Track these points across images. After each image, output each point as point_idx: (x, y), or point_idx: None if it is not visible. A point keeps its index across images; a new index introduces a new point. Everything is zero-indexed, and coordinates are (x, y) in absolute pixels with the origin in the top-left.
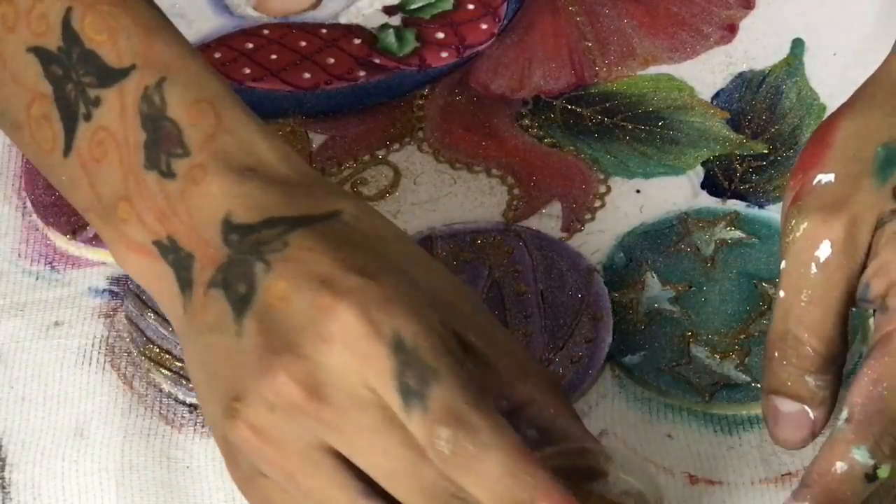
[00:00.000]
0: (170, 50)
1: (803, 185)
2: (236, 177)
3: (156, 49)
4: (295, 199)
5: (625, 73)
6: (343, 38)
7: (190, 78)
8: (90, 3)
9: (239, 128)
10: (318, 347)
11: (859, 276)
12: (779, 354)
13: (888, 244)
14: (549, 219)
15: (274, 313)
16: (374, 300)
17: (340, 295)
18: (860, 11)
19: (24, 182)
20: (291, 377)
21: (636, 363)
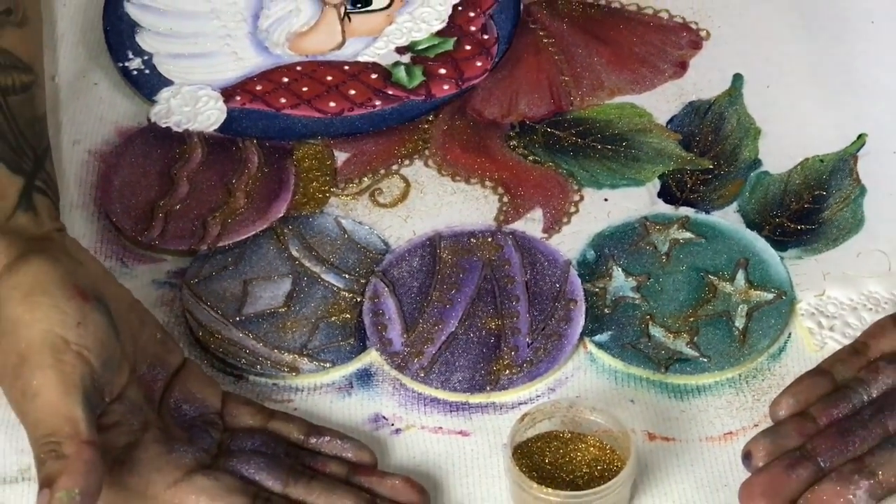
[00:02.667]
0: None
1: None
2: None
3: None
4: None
5: (595, 102)
6: (362, 73)
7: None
8: None
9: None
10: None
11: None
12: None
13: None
14: (533, 222)
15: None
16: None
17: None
18: (789, 51)
19: (98, 192)
20: None
21: (604, 341)
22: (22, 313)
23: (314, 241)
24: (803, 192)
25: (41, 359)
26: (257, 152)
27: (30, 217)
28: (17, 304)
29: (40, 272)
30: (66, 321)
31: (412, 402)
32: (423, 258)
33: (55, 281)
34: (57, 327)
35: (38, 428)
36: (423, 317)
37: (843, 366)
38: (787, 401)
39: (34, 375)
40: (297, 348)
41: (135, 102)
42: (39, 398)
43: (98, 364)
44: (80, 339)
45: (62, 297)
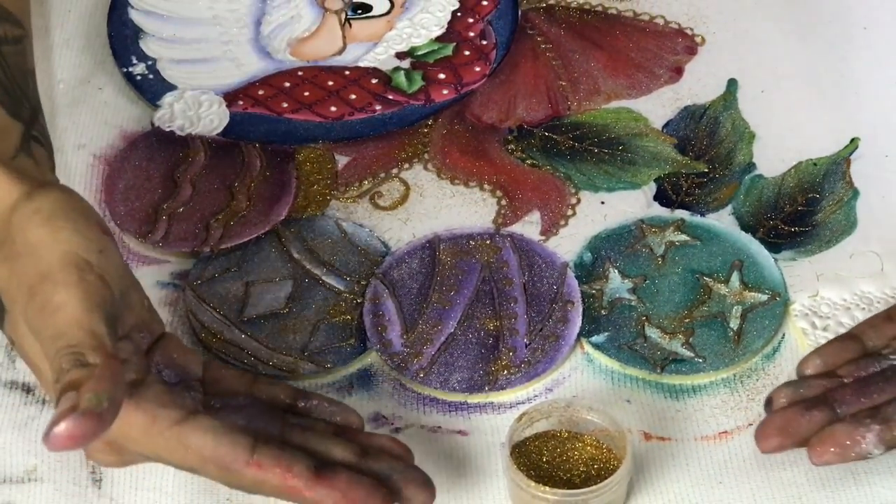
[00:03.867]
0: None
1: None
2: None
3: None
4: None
5: (592, 106)
6: (363, 78)
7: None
8: None
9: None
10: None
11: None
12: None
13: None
14: (531, 225)
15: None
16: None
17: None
18: (783, 57)
19: (103, 195)
20: None
21: (601, 342)
22: (44, 235)
23: (315, 243)
24: (797, 195)
25: (65, 276)
26: (259, 156)
27: (31, 163)
28: (38, 227)
29: (61, 199)
30: (89, 246)
31: (411, 402)
32: (422, 260)
33: (77, 209)
34: (80, 250)
35: (60, 339)
36: (422, 318)
37: (874, 332)
38: (815, 361)
39: (56, 291)
40: (298, 349)
41: (139, 107)
42: (61, 312)
43: (116, 293)
44: (101, 265)
45: (84, 224)
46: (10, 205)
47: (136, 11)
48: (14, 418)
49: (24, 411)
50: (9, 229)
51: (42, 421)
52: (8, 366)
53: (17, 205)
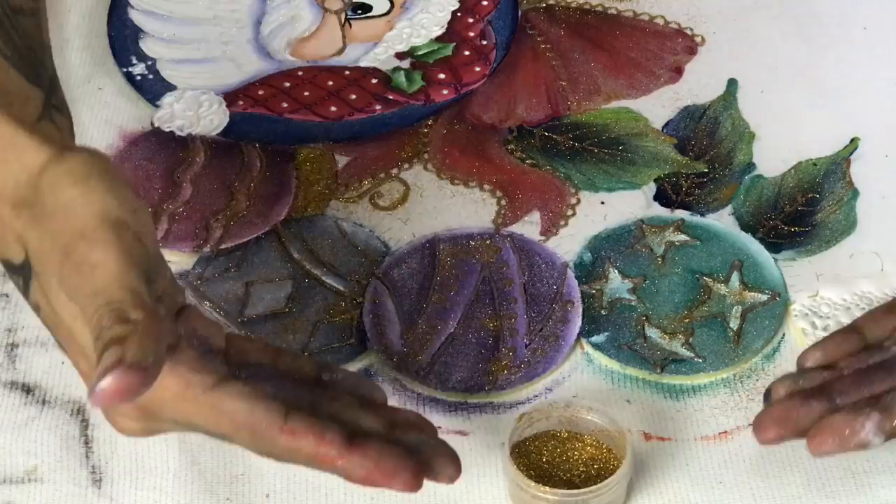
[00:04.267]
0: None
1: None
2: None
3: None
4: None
5: (592, 106)
6: (363, 78)
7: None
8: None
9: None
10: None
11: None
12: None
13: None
14: (530, 225)
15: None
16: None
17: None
18: (783, 57)
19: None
20: None
21: (601, 342)
22: (77, 195)
23: (315, 243)
24: (797, 195)
25: (102, 234)
26: (259, 156)
27: (54, 129)
28: (70, 186)
29: (93, 160)
30: (124, 205)
31: (411, 402)
32: (422, 260)
33: (109, 170)
34: (116, 209)
35: (99, 296)
36: (422, 318)
37: (875, 325)
38: (815, 354)
39: (93, 249)
40: (298, 349)
41: (139, 107)
42: (100, 269)
43: (151, 253)
44: (137, 225)
45: (119, 184)
46: (38, 167)
47: (136, 11)
48: (14, 418)
49: (24, 411)
50: (38, 191)
51: (42, 421)
52: (8, 366)
53: (46, 166)
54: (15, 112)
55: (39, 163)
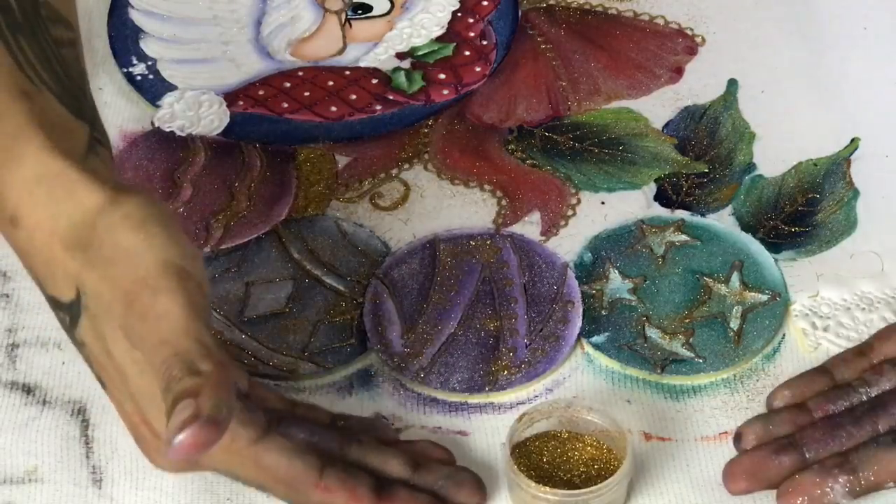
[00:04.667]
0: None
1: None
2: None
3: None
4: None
5: (592, 106)
6: (363, 78)
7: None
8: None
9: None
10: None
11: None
12: None
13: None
14: (531, 225)
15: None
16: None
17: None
18: (784, 57)
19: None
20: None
21: (601, 342)
22: (138, 242)
23: (315, 243)
24: (797, 195)
25: (166, 283)
26: (259, 156)
27: (100, 163)
28: (130, 233)
29: (149, 205)
30: (184, 253)
31: (412, 403)
32: (422, 260)
33: (166, 215)
34: (177, 257)
35: (167, 347)
36: (422, 318)
37: (845, 366)
38: (784, 393)
39: (158, 299)
40: (298, 350)
41: (139, 107)
42: (166, 319)
43: (208, 300)
44: (197, 273)
45: (176, 230)
46: (94, 208)
47: (136, 11)
48: (14, 419)
49: (24, 412)
50: (95, 234)
51: (42, 422)
52: (8, 366)
53: (102, 209)
54: (64, 147)
55: (95, 204)
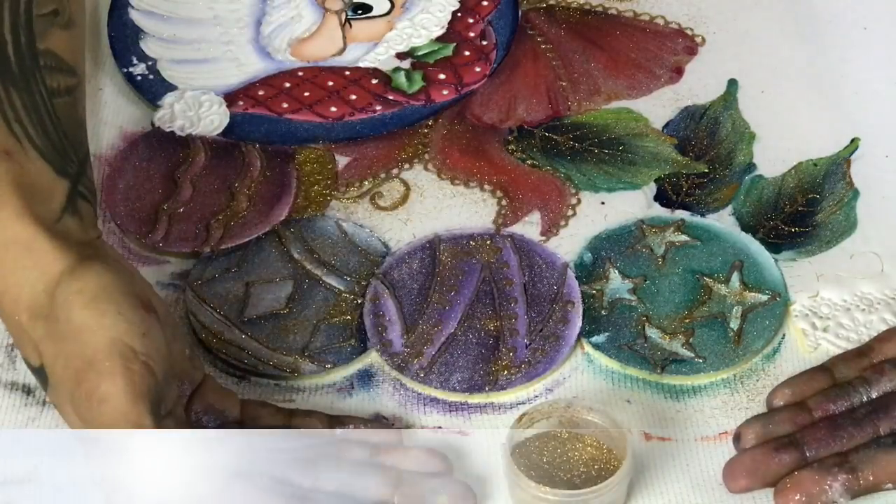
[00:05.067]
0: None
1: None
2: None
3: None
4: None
5: (592, 107)
6: (363, 78)
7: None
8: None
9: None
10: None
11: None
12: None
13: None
14: (531, 225)
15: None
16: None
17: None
18: (784, 57)
19: (103, 195)
20: None
21: (601, 342)
22: (88, 319)
23: (315, 243)
24: (797, 196)
25: (110, 366)
26: (260, 156)
27: (76, 221)
28: (82, 309)
29: (104, 279)
30: (132, 330)
31: (412, 403)
32: (422, 260)
33: (120, 289)
34: (125, 336)
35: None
36: (422, 318)
37: (845, 366)
38: (784, 391)
39: (102, 381)
40: (299, 350)
41: (139, 107)
42: (107, 404)
43: (160, 376)
44: (145, 350)
45: (128, 306)
46: (54, 278)
47: (137, 11)
48: (14, 419)
49: (24, 412)
50: (52, 305)
51: (42, 422)
52: (8, 367)
53: (60, 280)
54: (38, 210)
55: (55, 273)
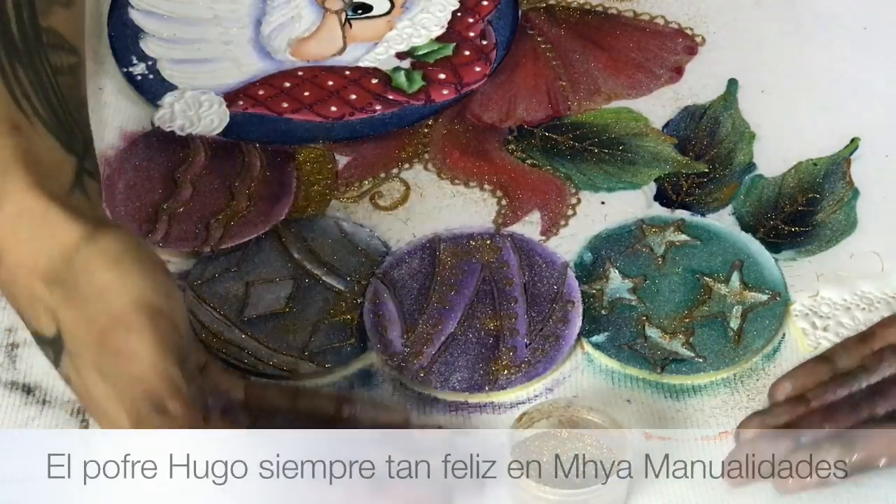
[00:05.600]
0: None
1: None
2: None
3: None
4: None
5: (592, 106)
6: (363, 78)
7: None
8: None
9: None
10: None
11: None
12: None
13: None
14: (531, 225)
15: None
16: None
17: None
18: (783, 57)
19: (103, 195)
20: None
21: (601, 341)
22: (112, 279)
23: (315, 243)
24: (797, 195)
25: (138, 322)
26: (259, 156)
27: (84, 198)
28: (105, 270)
29: (126, 241)
30: (158, 290)
31: (412, 402)
32: (422, 260)
33: (142, 251)
34: (150, 295)
35: (137, 385)
36: (422, 318)
37: (846, 353)
38: (785, 385)
39: (130, 337)
40: (299, 349)
41: (139, 107)
42: (137, 358)
43: (185, 337)
44: (171, 309)
45: (152, 267)
46: (72, 244)
47: (137, 11)
48: (14, 418)
49: (24, 412)
50: (71, 271)
51: (42, 422)
52: (8, 366)
53: (78, 245)
54: (48, 184)
55: (72, 240)
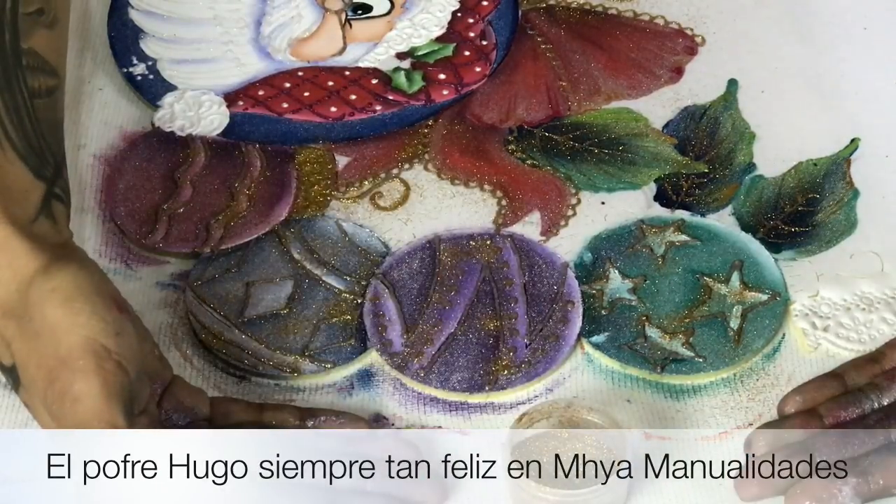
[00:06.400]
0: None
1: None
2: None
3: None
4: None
5: (592, 106)
6: (363, 78)
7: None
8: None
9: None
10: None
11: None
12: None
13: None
14: (531, 225)
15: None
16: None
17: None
18: (783, 57)
19: (103, 195)
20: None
21: (601, 342)
22: (61, 318)
23: (316, 243)
24: (797, 195)
25: (84, 364)
26: (260, 156)
27: (50, 224)
28: (56, 308)
29: (78, 278)
30: (106, 329)
31: (412, 402)
32: (422, 260)
33: (94, 289)
34: (99, 335)
35: (81, 428)
36: (422, 318)
37: (857, 372)
38: (795, 398)
39: (75, 380)
40: (299, 349)
41: (139, 107)
42: (81, 403)
43: (133, 375)
44: (119, 349)
45: (102, 305)
46: (28, 277)
47: (137, 11)
48: (14, 418)
49: (24, 411)
50: (27, 304)
51: None
52: None
53: (34, 278)
54: (13, 211)
55: (28, 272)
